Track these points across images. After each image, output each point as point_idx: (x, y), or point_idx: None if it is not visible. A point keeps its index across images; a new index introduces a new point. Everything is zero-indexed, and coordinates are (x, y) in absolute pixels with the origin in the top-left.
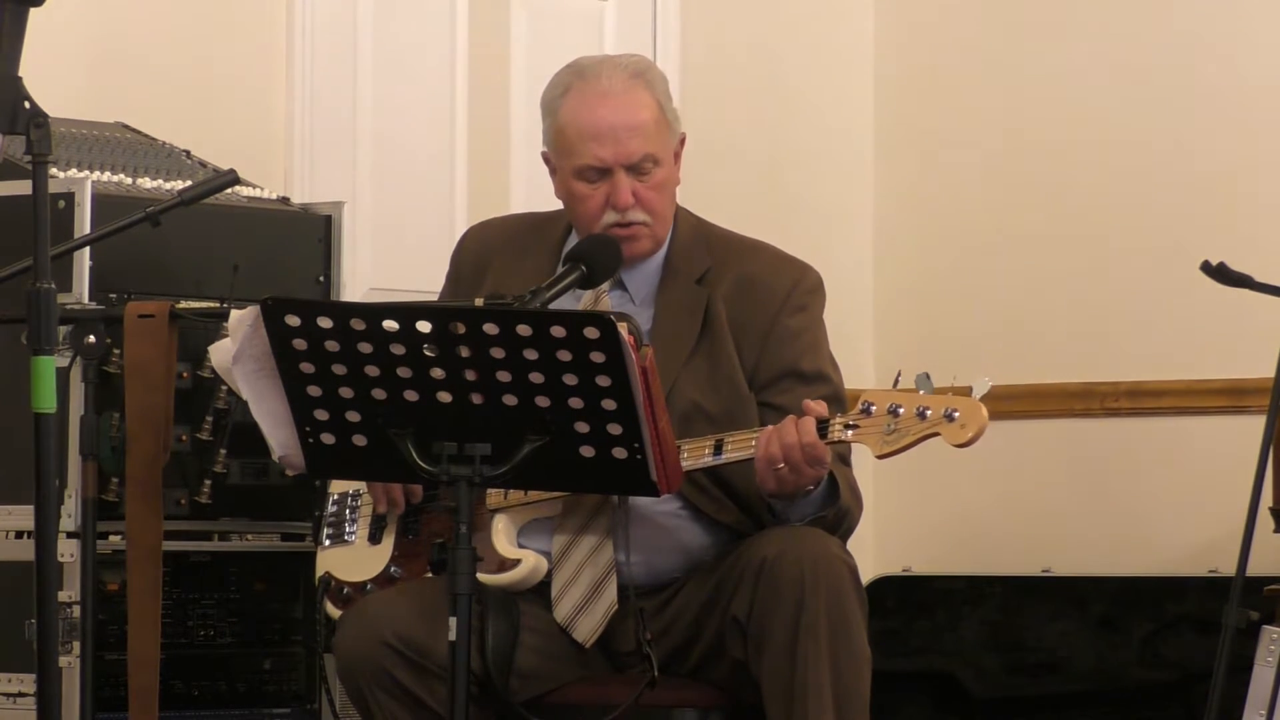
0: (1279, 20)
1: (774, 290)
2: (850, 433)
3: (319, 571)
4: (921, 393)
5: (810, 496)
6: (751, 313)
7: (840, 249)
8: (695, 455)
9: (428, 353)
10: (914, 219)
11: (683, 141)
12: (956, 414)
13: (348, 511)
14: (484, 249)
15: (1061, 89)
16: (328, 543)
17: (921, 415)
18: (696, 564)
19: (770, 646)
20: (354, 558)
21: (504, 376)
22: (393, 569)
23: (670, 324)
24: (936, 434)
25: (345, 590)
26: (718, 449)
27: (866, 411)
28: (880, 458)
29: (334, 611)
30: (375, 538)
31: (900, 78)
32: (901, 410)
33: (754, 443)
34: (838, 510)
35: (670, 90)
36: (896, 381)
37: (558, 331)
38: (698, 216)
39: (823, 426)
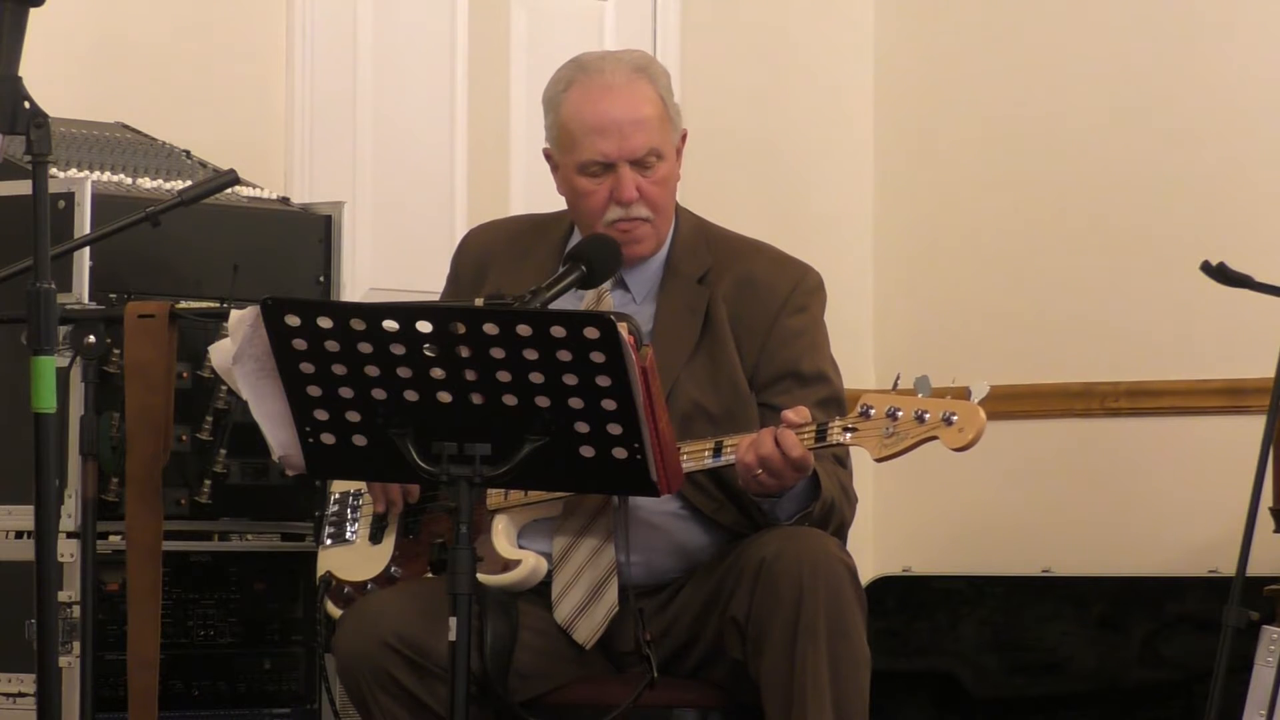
0: (1279, 20)
1: (775, 290)
2: (849, 435)
3: (320, 571)
4: (920, 395)
5: (792, 492)
6: (752, 313)
7: (840, 249)
8: (695, 457)
9: (428, 353)
10: (914, 219)
11: (684, 138)
12: (955, 417)
13: (349, 511)
14: (484, 251)
15: (1062, 89)
16: (329, 542)
17: (920, 419)
18: (696, 564)
19: (769, 647)
20: (355, 557)
21: (504, 376)
22: (393, 569)
23: (671, 323)
24: (935, 437)
25: (346, 590)
26: (717, 451)
27: (865, 414)
28: (879, 460)
29: (335, 611)
30: (376, 538)
31: (900, 76)
32: (900, 413)
33: None
34: (823, 504)
35: (670, 84)
36: (895, 384)
37: (558, 331)
38: (698, 216)
39: (821, 429)
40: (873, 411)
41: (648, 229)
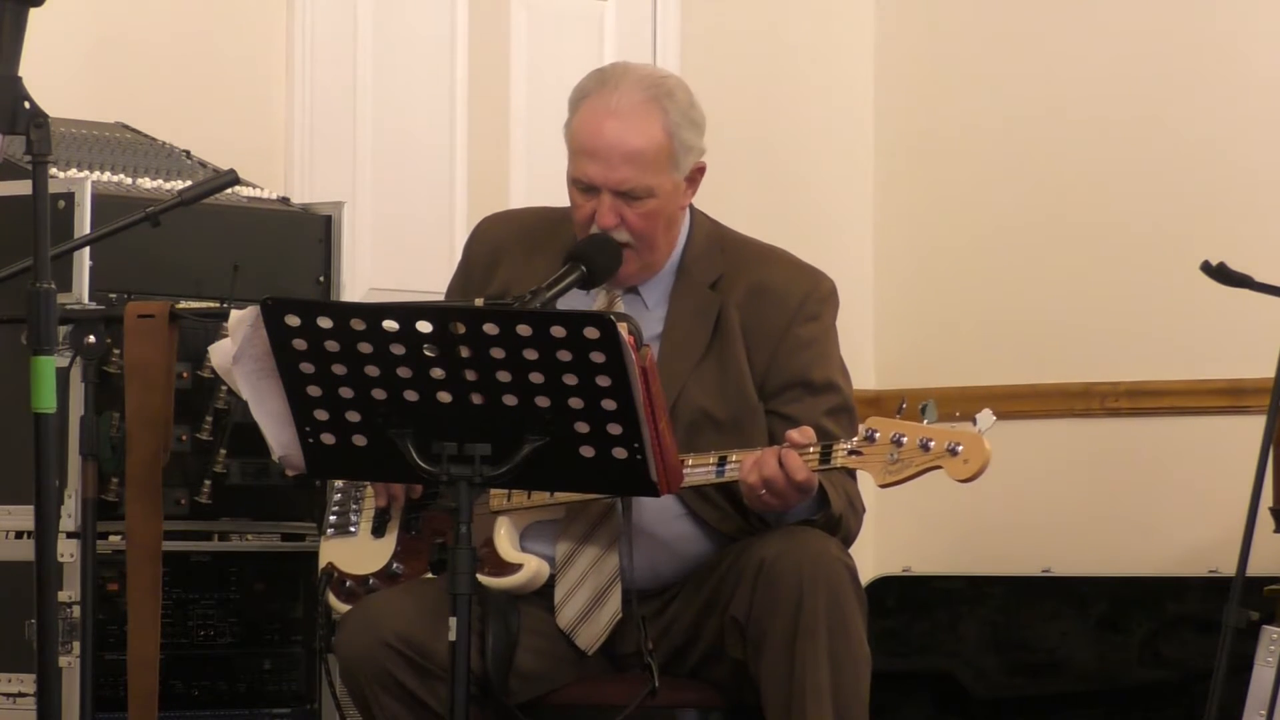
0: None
1: (787, 298)
2: (854, 459)
3: (322, 562)
4: (926, 422)
5: (797, 509)
6: (763, 320)
7: (840, 249)
8: (698, 470)
9: (428, 353)
10: (914, 219)
11: (700, 169)
12: (960, 448)
13: (352, 502)
14: (497, 242)
15: (1061, 89)
16: (331, 532)
17: (924, 447)
18: (699, 569)
19: (769, 647)
20: (357, 550)
21: (504, 376)
22: (394, 565)
23: (682, 328)
24: (939, 467)
25: (348, 583)
26: (720, 464)
27: (870, 439)
28: (882, 487)
29: (336, 603)
30: (379, 531)
31: (900, 77)
32: (905, 440)
33: None
34: (828, 516)
35: (693, 114)
36: (901, 408)
37: (558, 332)
38: (714, 221)
39: (826, 452)
40: (878, 435)
41: (629, 253)
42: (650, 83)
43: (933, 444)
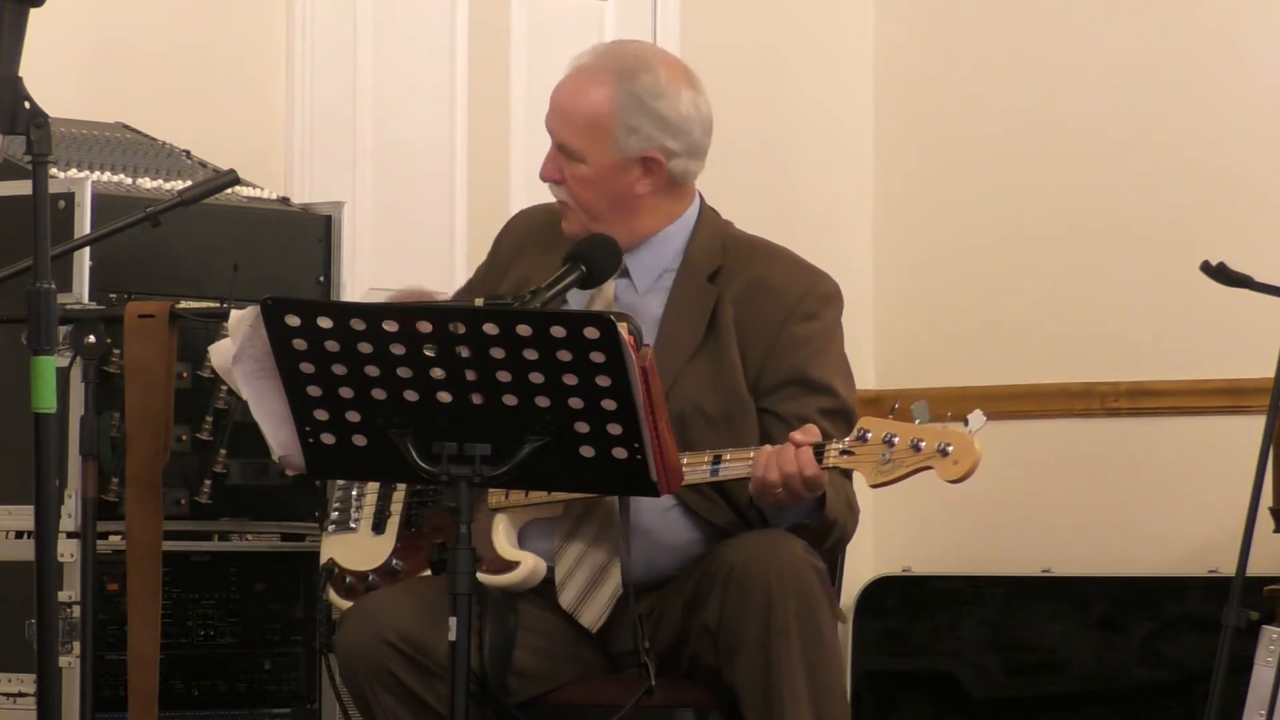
0: (1278, 22)
1: (784, 296)
2: (845, 459)
3: (323, 558)
4: (918, 423)
5: (798, 508)
6: (759, 317)
7: (840, 250)
8: (693, 468)
9: (428, 353)
10: (914, 219)
11: (656, 161)
12: (950, 449)
13: (353, 498)
14: (524, 235)
15: (1062, 89)
16: (332, 529)
17: (915, 448)
18: (692, 560)
19: (742, 653)
20: (357, 546)
21: (504, 376)
22: (394, 561)
23: (677, 320)
24: (929, 467)
25: (348, 579)
26: (715, 463)
27: (862, 439)
28: (874, 487)
29: (336, 599)
30: (379, 527)
31: (900, 78)
32: (896, 440)
33: (751, 459)
34: (824, 520)
35: (657, 105)
36: (893, 410)
37: (558, 331)
38: (723, 219)
39: (819, 451)
40: (869, 436)
41: (567, 209)
42: (623, 58)
43: (924, 444)
